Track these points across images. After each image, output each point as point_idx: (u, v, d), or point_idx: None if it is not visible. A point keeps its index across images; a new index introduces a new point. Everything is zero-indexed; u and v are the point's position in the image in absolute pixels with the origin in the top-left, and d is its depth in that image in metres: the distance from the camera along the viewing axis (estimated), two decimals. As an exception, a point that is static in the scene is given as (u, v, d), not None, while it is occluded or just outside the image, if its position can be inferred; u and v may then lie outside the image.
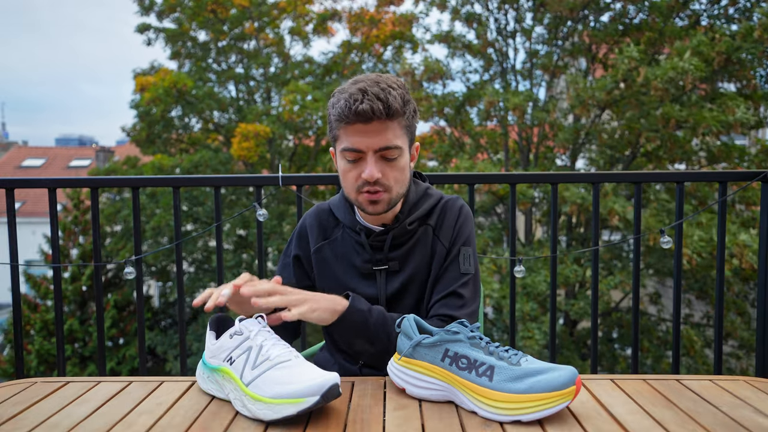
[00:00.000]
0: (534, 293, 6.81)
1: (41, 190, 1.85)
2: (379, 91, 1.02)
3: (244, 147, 9.57)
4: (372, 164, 1.05)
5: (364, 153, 1.05)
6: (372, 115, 1.02)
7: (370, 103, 1.01)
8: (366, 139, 1.04)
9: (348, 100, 1.02)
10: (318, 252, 1.20)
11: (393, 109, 1.03)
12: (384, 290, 1.15)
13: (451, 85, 56.48)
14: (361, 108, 1.01)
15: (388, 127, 1.05)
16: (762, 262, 1.82)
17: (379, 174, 1.06)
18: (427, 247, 1.17)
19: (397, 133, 1.06)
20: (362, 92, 1.02)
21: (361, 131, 1.04)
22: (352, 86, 1.05)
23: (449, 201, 1.21)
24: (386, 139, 1.05)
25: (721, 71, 7.31)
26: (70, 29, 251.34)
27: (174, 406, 0.88)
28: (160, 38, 11.64)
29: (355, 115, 1.02)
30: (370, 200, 1.08)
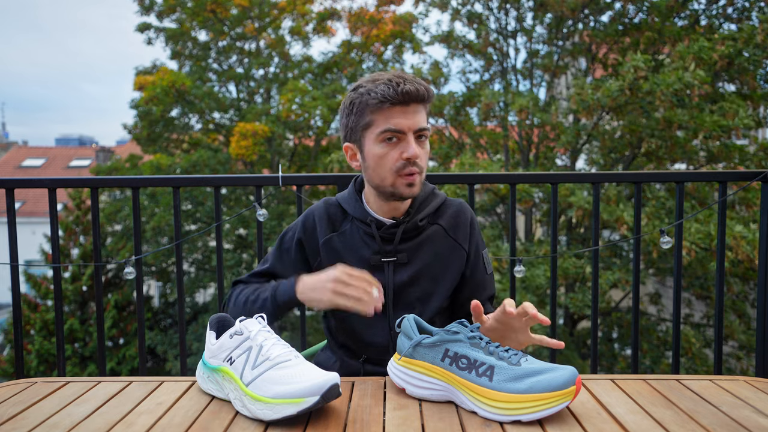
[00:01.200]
0: (533, 287, 6.83)
1: (41, 190, 1.85)
2: (414, 78, 1.11)
3: (243, 146, 9.57)
4: (414, 143, 1.11)
5: (405, 134, 1.11)
6: (417, 95, 1.09)
7: (414, 84, 1.09)
8: (407, 120, 1.10)
9: (389, 84, 1.09)
10: (327, 243, 1.21)
11: (430, 93, 1.12)
12: (392, 281, 1.18)
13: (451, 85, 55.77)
14: (408, 88, 1.08)
15: (422, 111, 1.12)
16: (762, 262, 1.82)
17: (419, 153, 1.12)
18: (439, 246, 1.21)
19: (425, 117, 1.14)
20: (401, 78, 1.10)
21: (401, 112, 1.10)
22: (382, 76, 1.12)
23: (458, 204, 1.27)
24: (422, 120, 1.12)
25: (723, 74, 7.32)
26: (69, 28, 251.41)
27: (174, 406, 0.88)
28: (161, 38, 11.65)
29: (402, 95, 1.08)
30: (407, 183, 1.12)
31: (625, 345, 8.84)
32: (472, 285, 1.26)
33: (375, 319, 1.18)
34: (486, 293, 1.28)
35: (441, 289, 1.21)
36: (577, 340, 8.56)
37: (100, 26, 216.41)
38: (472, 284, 1.26)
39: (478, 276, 1.26)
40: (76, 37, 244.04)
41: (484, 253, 1.28)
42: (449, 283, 1.22)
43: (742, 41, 6.88)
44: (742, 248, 5.68)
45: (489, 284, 1.28)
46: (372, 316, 1.02)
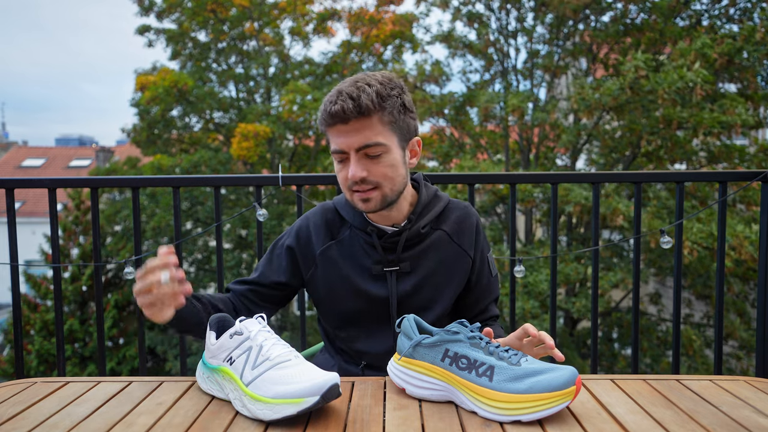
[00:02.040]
0: (535, 292, 6.83)
1: (41, 190, 1.85)
2: (353, 90, 1.03)
3: (244, 147, 9.57)
4: (354, 164, 1.06)
5: (347, 153, 1.06)
6: (344, 114, 1.02)
7: (342, 103, 1.02)
8: (346, 139, 1.05)
9: (325, 104, 1.05)
10: (325, 252, 1.17)
11: (364, 107, 1.02)
12: (395, 291, 1.15)
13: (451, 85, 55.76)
14: (333, 109, 1.03)
15: (366, 125, 1.04)
16: (762, 262, 1.82)
17: (364, 173, 1.06)
18: (444, 253, 1.18)
19: (378, 129, 1.05)
20: (338, 93, 1.04)
21: (341, 132, 1.05)
22: (334, 89, 1.07)
23: (462, 208, 1.23)
24: (365, 137, 1.04)
25: (723, 72, 7.32)
26: (71, 27, 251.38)
27: (174, 406, 0.88)
28: (161, 39, 11.65)
29: (331, 117, 1.04)
30: (361, 198, 1.08)
31: (625, 345, 8.84)
32: (478, 289, 1.24)
33: (378, 329, 1.17)
34: (491, 296, 1.27)
35: (445, 297, 1.18)
36: (577, 340, 8.56)
37: (101, 26, 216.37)
38: (477, 289, 1.24)
39: (483, 280, 1.24)
40: (77, 36, 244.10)
41: (489, 256, 1.25)
42: (453, 290, 1.19)
43: (742, 39, 6.89)
44: (745, 248, 5.68)
45: (494, 287, 1.27)
46: (165, 321, 1.00)
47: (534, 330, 0.95)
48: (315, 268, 1.18)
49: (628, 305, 8.79)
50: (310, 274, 1.18)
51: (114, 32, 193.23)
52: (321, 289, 1.18)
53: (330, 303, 1.19)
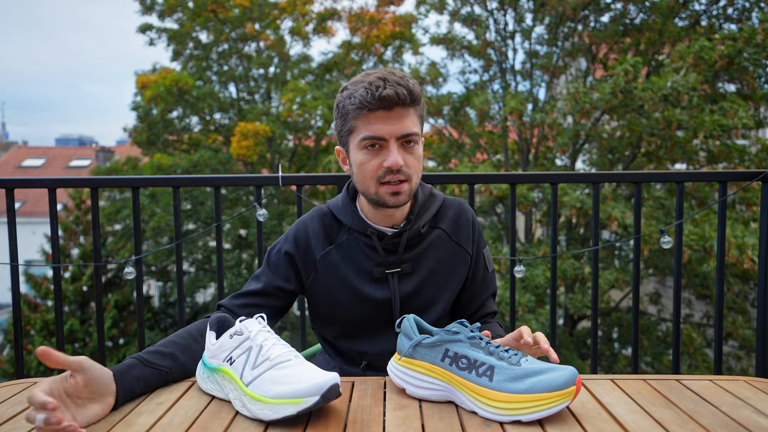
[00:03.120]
0: (531, 286, 6.84)
1: (41, 190, 1.85)
2: (399, 79, 1.03)
3: (243, 146, 9.57)
4: (396, 151, 1.04)
5: (387, 141, 1.04)
6: (397, 100, 1.01)
7: (394, 88, 1.01)
8: (388, 126, 1.03)
9: (369, 88, 1.02)
10: (325, 257, 1.16)
11: (415, 95, 1.04)
12: (397, 293, 1.14)
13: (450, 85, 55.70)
14: (386, 93, 1.00)
15: (408, 114, 1.05)
16: (762, 262, 1.82)
17: (403, 161, 1.05)
18: (443, 252, 1.18)
19: (415, 120, 1.07)
20: (382, 80, 1.02)
21: (383, 118, 1.03)
22: (366, 77, 1.04)
23: (457, 205, 1.22)
24: (407, 125, 1.04)
25: (723, 73, 7.33)
26: (70, 26, 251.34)
27: (174, 406, 0.88)
28: (163, 38, 11.66)
29: (379, 101, 1.01)
30: (392, 192, 1.06)
31: (625, 344, 8.84)
32: (474, 286, 1.24)
33: (379, 330, 1.17)
34: (488, 292, 1.26)
35: (446, 296, 1.18)
36: (577, 340, 8.56)
37: (101, 25, 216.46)
38: (473, 285, 1.24)
39: (479, 276, 1.24)
40: (77, 35, 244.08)
41: (486, 252, 1.25)
42: (454, 288, 1.20)
43: (742, 41, 6.89)
44: (731, 252, 5.70)
45: (491, 282, 1.26)
46: None
47: (528, 337, 0.94)
48: (315, 273, 1.16)
49: (627, 305, 8.79)
50: (311, 280, 1.17)
51: (114, 31, 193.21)
52: (321, 295, 1.17)
53: (331, 308, 1.18)
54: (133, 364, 0.90)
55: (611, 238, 9.13)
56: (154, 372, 0.93)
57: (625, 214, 6.51)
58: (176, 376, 0.97)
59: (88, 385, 0.81)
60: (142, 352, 0.95)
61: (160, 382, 0.95)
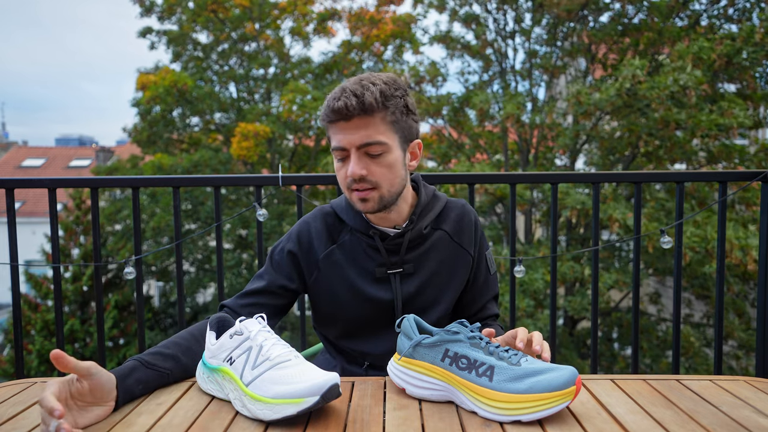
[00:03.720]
0: (530, 290, 6.83)
1: (41, 190, 1.85)
2: (357, 88, 1.03)
3: (244, 146, 9.57)
4: (354, 161, 1.05)
5: (348, 150, 1.06)
6: (347, 111, 1.02)
7: (346, 99, 1.02)
8: (347, 136, 1.05)
9: (329, 100, 1.05)
10: (328, 257, 1.16)
11: (368, 104, 1.02)
12: (399, 293, 1.15)
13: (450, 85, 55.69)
14: (337, 105, 1.03)
15: (369, 123, 1.04)
16: (762, 262, 1.82)
17: (363, 171, 1.05)
18: (445, 253, 1.18)
19: (380, 129, 1.05)
20: (342, 90, 1.04)
21: (342, 129, 1.05)
22: (338, 87, 1.07)
23: (459, 206, 1.23)
24: (366, 135, 1.04)
25: (722, 73, 7.33)
26: (69, 24, 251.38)
27: (174, 406, 0.88)
28: (163, 41, 11.66)
29: (333, 113, 1.04)
30: (360, 198, 1.08)
31: (625, 345, 8.84)
32: (475, 287, 1.24)
33: (381, 330, 1.17)
34: (490, 293, 1.26)
35: (447, 296, 1.19)
36: (577, 340, 8.56)
37: (100, 24, 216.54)
38: (474, 287, 1.24)
39: (480, 278, 1.24)
40: (76, 34, 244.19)
41: (487, 254, 1.25)
42: (455, 289, 1.20)
43: (741, 40, 6.89)
44: (735, 253, 5.69)
45: (492, 284, 1.26)
46: None
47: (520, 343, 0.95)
48: (318, 272, 1.17)
49: (627, 305, 8.79)
50: (313, 279, 1.17)
51: (113, 30, 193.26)
52: (323, 294, 1.17)
53: (333, 308, 1.18)
54: (135, 367, 0.91)
55: (610, 237, 9.13)
56: (155, 374, 0.93)
57: (627, 216, 6.51)
58: (177, 377, 0.98)
59: (93, 391, 0.82)
60: (144, 353, 0.95)
61: (160, 384, 0.95)
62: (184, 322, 1.91)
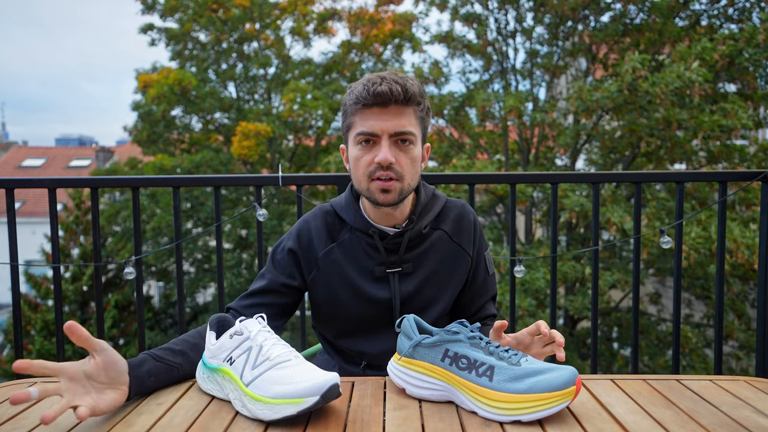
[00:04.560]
0: (532, 290, 6.83)
1: (41, 190, 1.85)
2: (398, 78, 1.05)
3: (245, 146, 9.57)
4: (386, 148, 1.05)
5: (379, 137, 1.06)
6: (390, 96, 1.03)
7: (389, 85, 1.03)
8: (382, 123, 1.05)
9: (366, 84, 1.04)
10: (327, 255, 1.16)
11: (410, 93, 1.05)
12: (398, 292, 1.15)
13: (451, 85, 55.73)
14: (380, 89, 1.03)
15: (404, 113, 1.06)
16: (762, 262, 1.82)
17: (393, 159, 1.05)
18: (444, 253, 1.18)
19: (412, 120, 1.07)
20: (381, 77, 1.05)
21: (377, 114, 1.05)
22: (372, 75, 1.07)
23: (459, 206, 1.23)
24: (402, 123, 1.05)
25: (724, 73, 7.33)
26: (69, 24, 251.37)
27: (174, 406, 0.88)
28: (163, 38, 11.66)
29: (374, 97, 1.03)
30: (381, 188, 1.07)
31: (625, 344, 8.84)
32: (474, 288, 1.24)
33: (379, 330, 1.17)
34: (488, 295, 1.27)
35: (446, 296, 1.19)
36: (577, 340, 8.56)
37: (100, 24, 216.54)
38: (473, 287, 1.24)
39: (479, 279, 1.24)
40: (76, 34, 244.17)
41: (486, 254, 1.26)
42: (454, 288, 1.20)
43: (743, 41, 6.89)
44: (741, 252, 5.68)
45: (490, 285, 1.27)
46: None
47: (546, 328, 0.96)
48: (317, 270, 1.17)
49: (627, 305, 8.79)
50: (312, 277, 1.18)
51: (113, 30, 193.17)
52: (322, 293, 1.18)
53: (331, 306, 1.18)
54: (145, 359, 0.92)
55: (610, 237, 9.14)
56: (165, 367, 0.94)
57: (625, 219, 6.50)
58: (186, 373, 0.98)
59: (107, 369, 0.84)
60: (154, 348, 0.97)
61: (170, 378, 0.96)
62: (184, 322, 1.91)
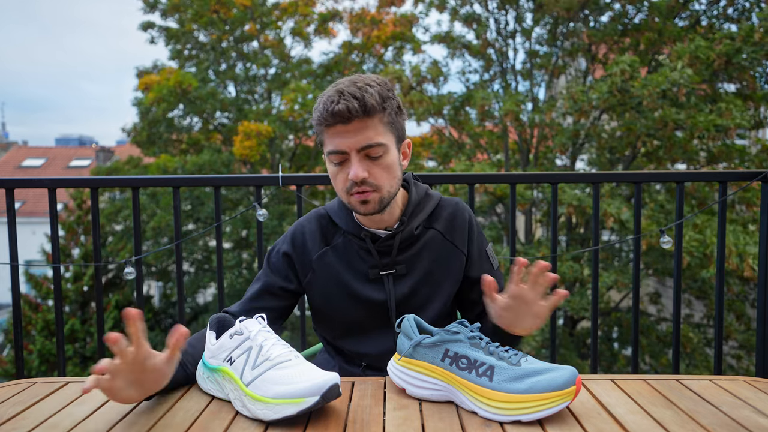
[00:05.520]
0: None
1: (41, 190, 1.85)
2: (356, 90, 1.03)
3: (246, 146, 9.57)
4: (357, 164, 1.05)
5: (348, 154, 1.05)
6: (349, 114, 1.01)
7: (346, 102, 1.01)
8: (347, 140, 1.04)
9: (326, 103, 1.03)
10: (321, 258, 1.17)
11: (369, 106, 1.02)
12: (392, 294, 1.15)
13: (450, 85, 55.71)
14: (337, 108, 1.01)
15: (368, 125, 1.04)
16: (762, 262, 1.82)
17: (365, 173, 1.05)
18: (437, 252, 1.18)
19: (379, 130, 1.06)
20: (339, 93, 1.03)
21: (341, 132, 1.04)
22: (331, 89, 1.05)
23: (453, 204, 1.22)
24: (367, 137, 1.04)
25: (721, 73, 7.32)
26: (69, 23, 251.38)
27: (174, 406, 0.88)
28: (163, 37, 11.66)
29: (332, 116, 1.02)
30: (360, 201, 1.07)
31: (625, 344, 8.84)
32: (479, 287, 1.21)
33: (377, 332, 1.17)
34: (498, 289, 1.24)
35: (441, 295, 1.18)
36: (577, 340, 8.56)
37: (100, 23, 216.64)
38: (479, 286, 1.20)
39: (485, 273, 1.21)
40: (76, 33, 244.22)
41: (488, 249, 1.24)
42: (450, 288, 1.19)
43: (740, 39, 6.89)
44: (732, 259, 5.68)
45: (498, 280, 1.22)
46: None
47: (523, 260, 0.96)
48: (312, 273, 1.17)
49: (627, 305, 8.79)
50: (308, 280, 1.18)
51: (113, 30, 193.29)
52: (318, 296, 1.18)
53: (327, 309, 1.18)
54: None
55: (610, 238, 9.13)
56: (184, 374, 0.97)
57: (621, 210, 6.49)
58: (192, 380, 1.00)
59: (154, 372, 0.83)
60: None
61: (184, 382, 0.98)
62: (184, 322, 1.91)
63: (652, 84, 6.55)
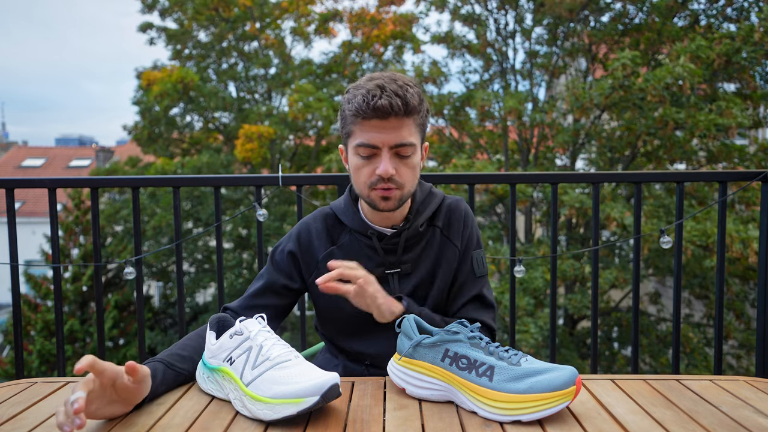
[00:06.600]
0: (530, 289, 6.83)
1: (41, 190, 1.85)
2: (397, 88, 1.03)
3: (248, 148, 9.57)
4: (387, 161, 1.05)
5: (379, 149, 1.06)
6: (390, 111, 1.02)
7: (389, 98, 1.02)
8: (382, 135, 1.05)
9: (366, 96, 1.03)
10: (328, 257, 1.17)
11: (411, 106, 1.04)
12: (397, 293, 1.15)
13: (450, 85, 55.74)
14: (380, 103, 1.01)
15: (404, 124, 1.05)
16: (762, 262, 1.82)
17: (393, 171, 1.06)
18: (437, 248, 1.18)
19: (412, 130, 1.07)
20: (380, 88, 1.03)
21: (377, 127, 1.04)
22: (368, 82, 1.05)
23: (453, 201, 1.22)
24: (402, 135, 1.05)
25: (721, 72, 7.32)
26: (69, 23, 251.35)
27: (174, 406, 0.88)
28: (163, 37, 11.66)
29: (373, 111, 1.02)
30: (382, 196, 1.07)
31: (625, 344, 8.84)
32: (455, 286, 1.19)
33: (380, 331, 1.16)
34: (468, 294, 1.19)
35: (440, 291, 1.18)
36: (577, 340, 8.56)
37: (100, 22, 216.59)
38: (454, 286, 1.19)
39: (462, 277, 1.19)
40: (76, 33, 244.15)
41: (477, 254, 1.20)
42: (446, 282, 1.19)
43: (740, 39, 6.89)
44: (735, 246, 5.68)
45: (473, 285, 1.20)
46: None
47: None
48: (317, 272, 1.17)
49: (627, 305, 8.79)
50: (312, 279, 1.18)
51: (113, 29, 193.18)
52: (323, 295, 1.17)
53: (332, 308, 1.18)
54: (156, 367, 0.93)
55: (611, 237, 9.13)
56: (174, 374, 0.96)
57: (624, 215, 6.50)
58: (190, 378, 1.00)
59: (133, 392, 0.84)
60: (164, 354, 0.98)
61: (177, 384, 0.97)
62: (184, 322, 1.91)
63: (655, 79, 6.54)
